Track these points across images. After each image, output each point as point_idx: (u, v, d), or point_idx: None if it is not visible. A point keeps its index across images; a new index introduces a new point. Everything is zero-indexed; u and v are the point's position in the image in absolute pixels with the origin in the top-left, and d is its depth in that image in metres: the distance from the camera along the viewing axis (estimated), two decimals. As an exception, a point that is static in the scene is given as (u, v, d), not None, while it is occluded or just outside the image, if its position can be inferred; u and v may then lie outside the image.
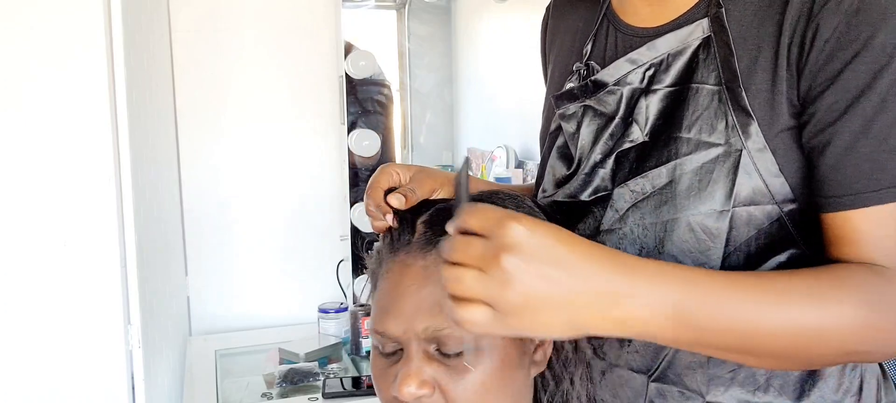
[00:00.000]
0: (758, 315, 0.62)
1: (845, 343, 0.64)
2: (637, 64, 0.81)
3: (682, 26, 0.78)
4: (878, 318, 0.64)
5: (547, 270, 0.57)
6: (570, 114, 0.87)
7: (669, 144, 0.76)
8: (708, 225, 0.73)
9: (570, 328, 0.60)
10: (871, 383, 0.79)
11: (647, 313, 0.60)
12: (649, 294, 0.60)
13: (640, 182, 0.78)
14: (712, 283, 0.62)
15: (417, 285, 0.69)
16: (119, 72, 1.28)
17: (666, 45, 0.79)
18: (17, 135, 1.26)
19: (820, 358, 0.67)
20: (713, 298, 0.62)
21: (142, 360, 1.33)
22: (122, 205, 1.30)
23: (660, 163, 0.77)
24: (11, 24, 1.24)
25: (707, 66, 0.75)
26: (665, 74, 0.79)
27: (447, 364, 0.68)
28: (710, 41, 0.75)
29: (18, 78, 1.26)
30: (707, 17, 0.76)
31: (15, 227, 1.28)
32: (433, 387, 0.68)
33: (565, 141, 0.88)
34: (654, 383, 0.81)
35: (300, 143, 2.19)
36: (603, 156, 0.82)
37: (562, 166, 0.88)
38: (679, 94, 0.77)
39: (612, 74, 0.83)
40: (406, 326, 0.69)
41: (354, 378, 1.72)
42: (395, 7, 4.79)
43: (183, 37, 2.08)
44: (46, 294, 1.30)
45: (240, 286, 2.18)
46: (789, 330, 0.63)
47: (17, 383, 1.31)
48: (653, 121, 0.79)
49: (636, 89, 0.81)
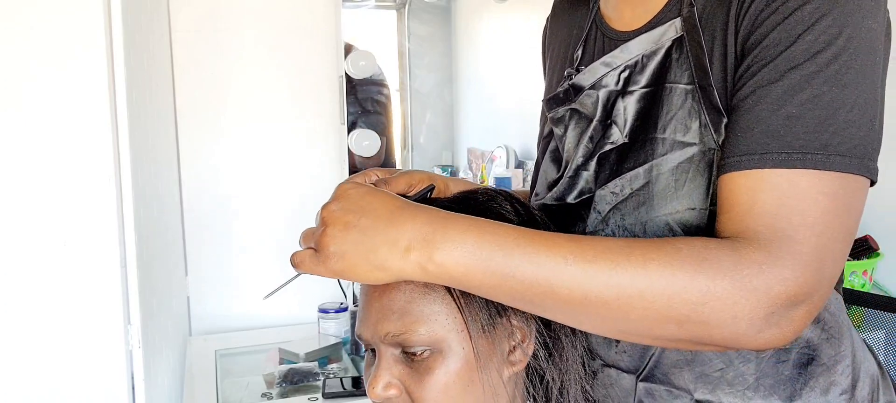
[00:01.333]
0: (560, 269, 0.62)
1: (673, 309, 0.61)
2: (611, 66, 0.82)
3: (656, 27, 0.78)
4: (711, 284, 0.60)
5: (355, 217, 0.65)
6: (559, 117, 0.89)
7: (646, 145, 0.77)
8: (686, 225, 0.73)
9: (375, 269, 0.65)
10: (866, 382, 0.79)
11: (446, 257, 0.63)
12: (450, 240, 0.63)
13: (619, 183, 0.79)
14: (520, 236, 0.63)
15: (379, 292, 0.72)
16: (119, 72, 1.28)
17: (639, 47, 0.80)
18: (17, 134, 1.26)
19: (648, 325, 0.63)
20: (517, 250, 0.63)
21: (142, 360, 1.33)
22: (122, 205, 1.30)
23: (637, 165, 0.77)
24: (11, 24, 1.24)
25: (680, 65, 0.76)
26: (640, 76, 0.79)
27: (412, 365, 0.72)
28: (682, 41, 0.76)
29: (18, 78, 1.26)
30: (679, 16, 0.76)
31: (15, 227, 1.28)
32: (400, 389, 0.72)
33: (557, 145, 0.90)
34: (642, 382, 0.81)
35: (300, 143, 2.19)
36: (584, 158, 0.83)
37: (553, 169, 0.89)
38: (654, 95, 0.78)
39: (588, 78, 0.84)
40: (372, 331, 0.73)
41: (354, 378, 1.72)
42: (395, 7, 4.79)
43: (183, 37, 2.08)
44: (46, 294, 1.30)
45: (240, 286, 2.18)
46: (596, 289, 0.62)
47: (17, 383, 1.31)
48: (631, 123, 0.79)
49: (612, 92, 0.82)
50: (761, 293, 0.60)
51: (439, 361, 0.71)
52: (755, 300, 0.60)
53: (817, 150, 0.63)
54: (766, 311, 0.60)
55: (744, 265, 0.61)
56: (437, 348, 0.71)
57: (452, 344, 0.71)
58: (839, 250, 0.63)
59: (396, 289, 0.71)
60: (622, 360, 0.82)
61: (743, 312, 0.60)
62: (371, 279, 0.66)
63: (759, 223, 0.63)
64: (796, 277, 0.61)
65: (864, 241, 1.96)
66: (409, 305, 0.71)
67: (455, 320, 0.71)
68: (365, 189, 0.68)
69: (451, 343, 0.71)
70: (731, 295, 0.60)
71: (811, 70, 0.64)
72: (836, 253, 0.63)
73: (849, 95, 0.64)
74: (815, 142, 0.63)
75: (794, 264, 0.61)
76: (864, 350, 0.81)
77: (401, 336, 0.70)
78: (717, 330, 0.61)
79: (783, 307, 0.61)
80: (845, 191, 0.63)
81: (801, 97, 0.64)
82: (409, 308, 0.70)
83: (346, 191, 0.67)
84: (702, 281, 0.60)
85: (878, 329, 1.75)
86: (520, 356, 0.75)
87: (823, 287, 0.63)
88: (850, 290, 1.86)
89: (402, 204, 0.66)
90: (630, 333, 0.65)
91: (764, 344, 0.62)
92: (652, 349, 0.80)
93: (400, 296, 0.71)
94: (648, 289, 0.61)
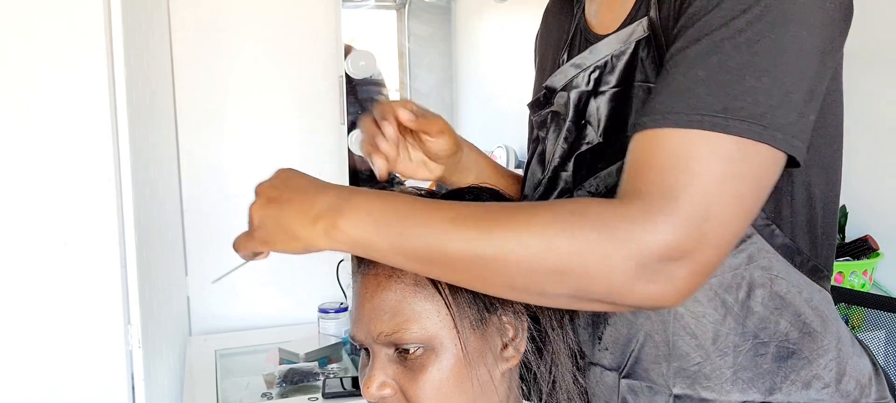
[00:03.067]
0: (450, 232, 0.63)
1: (549, 260, 0.61)
2: (581, 67, 0.83)
3: (625, 27, 0.79)
4: (584, 234, 0.60)
5: (278, 192, 0.70)
6: (542, 120, 0.90)
7: (618, 144, 0.77)
8: None
9: (289, 239, 0.69)
10: (852, 376, 0.78)
11: (349, 224, 0.66)
12: (353, 207, 0.66)
13: (594, 182, 0.80)
14: (417, 203, 0.66)
15: (371, 292, 0.73)
16: (119, 72, 1.28)
17: (607, 48, 0.80)
18: (17, 134, 1.26)
19: (531, 278, 0.62)
20: (412, 216, 0.65)
21: (142, 360, 1.33)
22: (122, 205, 1.30)
23: (610, 163, 0.78)
24: (11, 24, 1.24)
25: (648, 64, 0.76)
26: (610, 76, 0.80)
27: (406, 364, 0.72)
28: (650, 40, 0.76)
29: (18, 78, 1.26)
30: (647, 16, 0.77)
31: (15, 227, 1.28)
32: (394, 388, 0.72)
33: (543, 147, 0.91)
34: (624, 380, 0.82)
35: (300, 143, 2.19)
36: (561, 159, 0.84)
37: (539, 171, 0.90)
38: (624, 94, 0.78)
39: (559, 79, 0.86)
40: (366, 332, 0.73)
41: (354, 378, 1.72)
42: (395, 7, 4.79)
43: (183, 36, 2.08)
44: (46, 294, 1.30)
45: (240, 286, 2.18)
46: (481, 248, 0.62)
47: (17, 383, 1.31)
48: (604, 123, 0.80)
49: (583, 92, 0.82)
50: (632, 244, 0.60)
51: (432, 359, 0.71)
52: (626, 251, 0.60)
53: (717, 113, 0.62)
54: (638, 262, 0.60)
55: (618, 218, 0.61)
56: (429, 346, 0.71)
57: (445, 342, 0.71)
58: (728, 214, 0.62)
59: (388, 289, 0.72)
60: (605, 358, 0.83)
61: (615, 263, 0.60)
62: (288, 248, 0.70)
63: (647, 179, 0.62)
64: (671, 231, 0.60)
65: (864, 241, 1.96)
66: (400, 304, 0.71)
67: (446, 317, 0.71)
68: (292, 170, 0.73)
69: (443, 341, 0.71)
70: (603, 246, 0.60)
71: (724, 35, 0.64)
72: (722, 217, 0.61)
73: (759, 62, 0.63)
74: (717, 104, 0.62)
75: (669, 219, 0.60)
76: (854, 345, 0.81)
77: (393, 335, 0.71)
78: (595, 283, 0.61)
79: (656, 260, 0.60)
80: (744, 158, 0.62)
81: (710, 61, 0.64)
82: (401, 307, 0.71)
83: (280, 173, 0.73)
84: (576, 232, 0.60)
85: (878, 329, 1.75)
86: (512, 352, 0.75)
87: (708, 248, 0.61)
88: (850, 290, 1.86)
89: (321, 183, 0.70)
90: (519, 290, 0.65)
91: (642, 299, 0.62)
92: (632, 346, 0.80)
93: (391, 296, 0.72)
94: (528, 244, 0.61)
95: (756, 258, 0.74)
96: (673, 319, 0.77)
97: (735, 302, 0.75)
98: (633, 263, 0.60)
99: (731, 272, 0.74)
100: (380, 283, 0.73)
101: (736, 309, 0.75)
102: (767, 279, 0.75)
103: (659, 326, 0.78)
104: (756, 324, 0.75)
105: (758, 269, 0.74)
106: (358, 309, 0.75)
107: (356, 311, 0.75)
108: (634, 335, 0.80)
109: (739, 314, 0.75)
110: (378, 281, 0.73)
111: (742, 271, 0.74)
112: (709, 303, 0.75)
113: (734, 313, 0.75)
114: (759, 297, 0.75)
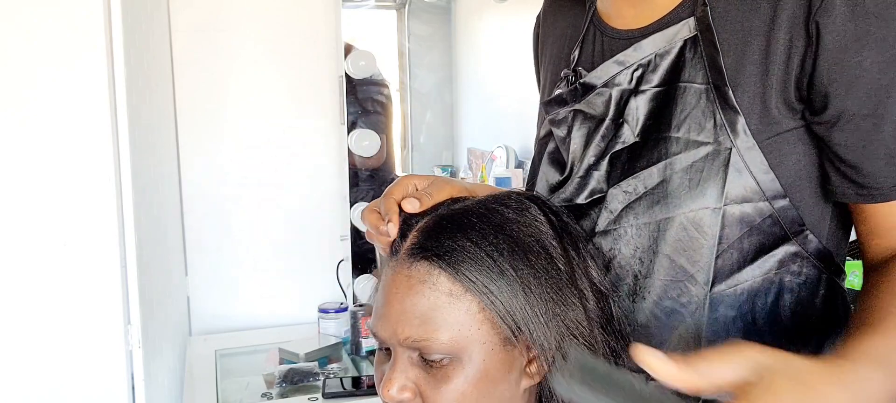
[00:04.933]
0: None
1: None
2: (624, 65, 0.81)
3: (668, 26, 0.78)
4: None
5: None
6: (561, 119, 0.88)
7: (659, 144, 0.77)
8: (700, 223, 0.74)
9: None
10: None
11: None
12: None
13: (632, 182, 0.79)
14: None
15: (401, 294, 0.71)
16: (119, 72, 1.28)
17: (652, 46, 0.79)
18: (17, 134, 1.26)
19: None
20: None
21: (142, 360, 1.33)
22: (122, 205, 1.30)
23: (651, 163, 0.77)
24: (11, 24, 1.24)
25: (694, 64, 0.75)
26: (653, 74, 0.79)
27: (429, 371, 0.71)
28: (696, 40, 0.76)
29: (18, 78, 1.26)
30: (693, 16, 0.76)
31: (15, 227, 1.28)
32: (414, 393, 0.71)
33: (556, 146, 0.89)
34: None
35: (300, 143, 2.19)
36: (596, 158, 0.83)
37: (554, 172, 0.89)
38: (667, 94, 0.77)
39: (599, 77, 0.84)
40: (391, 332, 0.72)
41: (354, 378, 1.72)
42: (395, 7, 4.79)
43: (183, 36, 2.08)
44: (46, 294, 1.30)
45: (240, 286, 2.18)
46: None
47: (17, 383, 1.31)
48: (643, 122, 0.79)
49: (625, 90, 0.81)
50: None
51: (458, 370, 0.70)
52: None
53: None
54: None
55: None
56: (456, 356, 0.70)
57: (473, 355, 0.70)
58: None
59: (421, 294, 0.70)
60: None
61: None
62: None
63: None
64: None
65: (864, 241, 1.95)
66: (432, 312, 0.70)
67: (478, 331, 0.70)
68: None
69: (471, 354, 0.70)
70: None
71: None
72: None
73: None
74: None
75: None
76: None
77: (422, 341, 0.70)
78: None
79: None
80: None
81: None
82: (433, 315, 0.70)
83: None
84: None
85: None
86: (536, 369, 0.74)
87: None
88: (849, 290, 1.86)
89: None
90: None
91: None
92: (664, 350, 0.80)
93: (424, 302, 0.70)
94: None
95: (787, 263, 0.75)
96: (707, 324, 0.77)
97: (764, 306, 0.76)
98: None
99: (762, 276, 0.75)
100: (412, 287, 0.71)
101: (764, 313, 0.76)
102: (795, 284, 0.76)
103: (693, 330, 0.78)
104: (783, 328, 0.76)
105: (787, 274, 0.75)
106: (385, 306, 0.73)
107: (383, 308, 0.73)
108: (667, 339, 0.79)
109: (767, 317, 0.76)
110: (410, 284, 0.71)
111: (772, 276, 0.75)
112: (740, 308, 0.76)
113: (763, 317, 0.76)
114: (788, 302, 0.76)
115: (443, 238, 0.71)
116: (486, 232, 0.71)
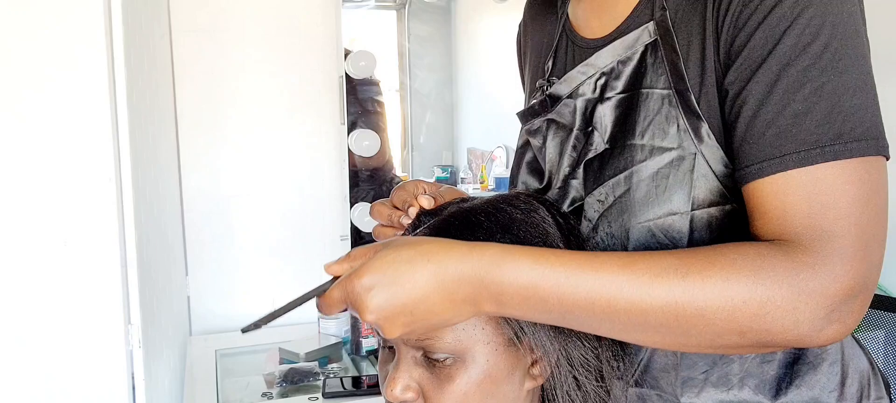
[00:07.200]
0: (615, 291, 0.62)
1: (734, 321, 0.61)
2: (587, 74, 0.82)
3: (628, 31, 0.78)
4: (770, 293, 0.60)
5: (407, 315, 0.66)
6: (535, 129, 0.89)
7: (625, 151, 0.77)
8: (669, 229, 0.73)
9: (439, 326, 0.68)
10: (855, 378, 0.79)
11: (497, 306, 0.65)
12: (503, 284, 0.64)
13: (602, 191, 0.79)
14: (569, 261, 0.64)
15: None
16: (119, 72, 1.28)
17: (611, 53, 0.80)
18: (17, 134, 1.26)
19: (709, 337, 0.63)
20: (569, 277, 0.63)
21: (142, 360, 1.33)
22: (122, 205, 1.30)
23: (617, 171, 0.77)
24: (11, 25, 1.24)
25: (656, 69, 0.75)
26: (617, 81, 0.79)
27: (432, 370, 0.71)
28: (657, 45, 0.75)
29: (18, 78, 1.26)
30: (652, 20, 0.76)
31: (15, 227, 1.28)
32: (417, 393, 0.72)
33: (534, 155, 0.90)
34: (633, 388, 0.81)
35: (300, 143, 2.19)
36: (571, 167, 0.83)
37: (534, 181, 0.90)
38: (630, 100, 0.77)
39: (565, 87, 0.84)
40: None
41: (355, 378, 1.72)
42: (395, 7, 4.79)
43: (183, 37, 2.08)
44: (46, 294, 1.30)
45: (240, 286, 2.18)
46: (655, 310, 0.62)
47: (17, 383, 1.31)
48: (610, 129, 0.79)
49: (590, 100, 0.82)
50: (819, 295, 0.60)
51: (461, 370, 0.70)
52: (815, 303, 0.60)
53: (833, 141, 0.63)
54: (826, 311, 0.61)
55: (799, 270, 0.61)
56: (460, 357, 0.70)
57: (477, 355, 0.70)
58: (879, 233, 0.64)
59: None
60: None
61: (804, 316, 0.61)
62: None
63: (796, 225, 0.63)
64: (848, 271, 0.61)
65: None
66: None
67: (482, 331, 0.70)
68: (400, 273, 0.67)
69: (475, 354, 0.70)
70: (791, 301, 0.60)
71: (805, 63, 0.64)
72: (877, 237, 0.63)
73: (849, 80, 0.64)
74: (829, 132, 0.63)
75: (842, 260, 0.61)
76: (854, 347, 0.81)
77: (426, 341, 0.70)
78: (780, 336, 0.62)
79: (841, 303, 0.61)
80: (869, 174, 0.64)
81: (803, 92, 0.64)
82: None
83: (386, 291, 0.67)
84: (761, 291, 0.61)
85: (878, 329, 1.75)
86: (539, 370, 0.74)
87: (873, 272, 0.63)
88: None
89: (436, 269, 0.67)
90: (690, 346, 0.66)
91: (826, 341, 0.63)
92: (641, 354, 0.80)
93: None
94: (709, 305, 0.61)
95: None
96: None
97: None
98: (822, 313, 0.61)
99: None
100: None
101: None
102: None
103: None
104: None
105: None
106: None
107: None
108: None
109: None
110: None
111: None
112: None
113: None
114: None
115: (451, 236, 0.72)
116: (493, 232, 0.72)
